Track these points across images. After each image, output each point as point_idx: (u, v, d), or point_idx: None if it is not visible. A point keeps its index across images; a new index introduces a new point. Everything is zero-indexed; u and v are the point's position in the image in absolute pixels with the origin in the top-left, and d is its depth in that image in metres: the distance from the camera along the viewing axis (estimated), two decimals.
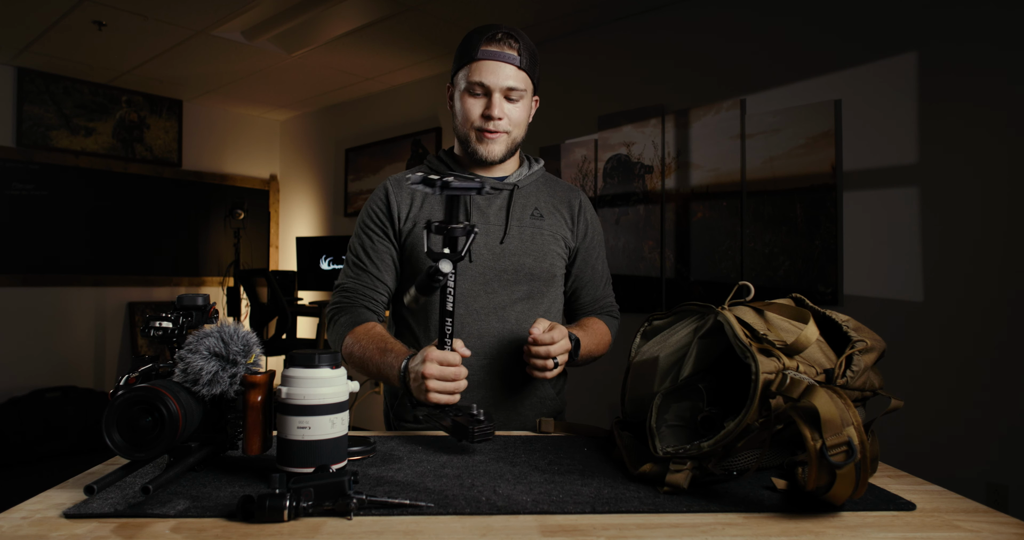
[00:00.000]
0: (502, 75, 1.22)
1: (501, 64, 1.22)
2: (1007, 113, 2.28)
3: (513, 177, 1.35)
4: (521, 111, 1.27)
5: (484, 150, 1.28)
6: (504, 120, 1.25)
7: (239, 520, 0.70)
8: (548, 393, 1.34)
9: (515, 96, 1.25)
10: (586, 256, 1.41)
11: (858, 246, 2.61)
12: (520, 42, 1.24)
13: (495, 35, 1.23)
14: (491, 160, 1.29)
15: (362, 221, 1.35)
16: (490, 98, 1.24)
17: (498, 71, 1.22)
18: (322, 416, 0.80)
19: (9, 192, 4.23)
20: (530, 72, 1.26)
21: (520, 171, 1.36)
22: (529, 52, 1.26)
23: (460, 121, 1.29)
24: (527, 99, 1.28)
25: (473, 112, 1.26)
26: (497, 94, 1.23)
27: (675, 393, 0.91)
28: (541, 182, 1.40)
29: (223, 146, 5.32)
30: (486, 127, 1.25)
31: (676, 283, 3.13)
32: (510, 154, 1.31)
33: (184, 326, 0.90)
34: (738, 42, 2.98)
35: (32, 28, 3.62)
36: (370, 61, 4.13)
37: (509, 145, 1.29)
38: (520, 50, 1.24)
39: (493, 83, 1.22)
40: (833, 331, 0.91)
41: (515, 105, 1.26)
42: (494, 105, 1.23)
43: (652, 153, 3.24)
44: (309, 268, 4.66)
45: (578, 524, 0.71)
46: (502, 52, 1.22)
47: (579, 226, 1.39)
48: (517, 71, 1.23)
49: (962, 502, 0.80)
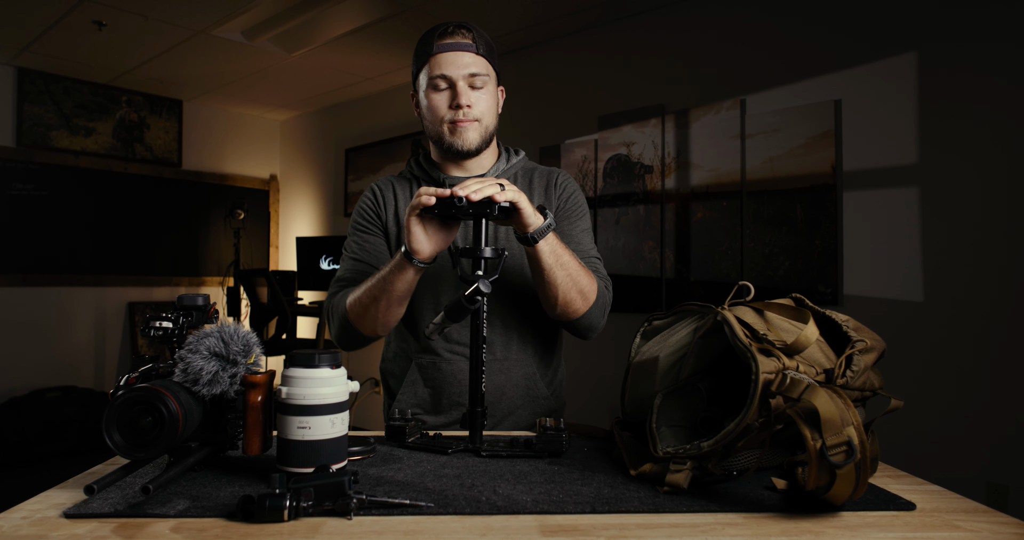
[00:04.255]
0: (461, 63, 1.22)
1: (459, 53, 1.22)
2: (1007, 113, 2.28)
3: (491, 172, 1.33)
4: (488, 98, 1.26)
5: (459, 141, 1.25)
6: (474, 108, 1.24)
7: (239, 520, 0.70)
8: (541, 392, 1.31)
9: (479, 82, 1.23)
10: (560, 227, 1.32)
11: (858, 246, 2.61)
12: (473, 31, 1.24)
13: (447, 29, 1.24)
14: (467, 149, 1.26)
15: (354, 221, 1.36)
16: (454, 88, 1.23)
17: (457, 60, 1.22)
18: (322, 416, 0.80)
19: (9, 192, 4.23)
20: (489, 59, 1.25)
21: (498, 165, 1.34)
22: (485, 40, 1.26)
23: (429, 120, 1.28)
24: (491, 85, 1.27)
25: (440, 106, 1.24)
26: (461, 83, 1.22)
27: (675, 393, 0.91)
28: (521, 173, 1.37)
29: (223, 146, 5.32)
30: (456, 117, 1.24)
31: (676, 283, 3.13)
32: (485, 144, 1.29)
33: (184, 326, 0.90)
34: (738, 42, 2.98)
35: (32, 28, 3.62)
36: (370, 61, 4.13)
37: (483, 133, 1.27)
38: (475, 38, 1.24)
39: (454, 73, 1.22)
40: (833, 331, 0.91)
41: (480, 92, 1.24)
42: (460, 93, 1.22)
43: (652, 153, 3.24)
44: (309, 268, 4.67)
45: (578, 524, 0.71)
46: (457, 42, 1.22)
47: (554, 201, 1.34)
48: (476, 57, 1.23)
49: (962, 502, 0.80)
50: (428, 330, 1.01)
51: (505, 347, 1.29)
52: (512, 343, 1.29)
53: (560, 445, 0.97)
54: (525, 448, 0.98)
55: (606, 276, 1.30)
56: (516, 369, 1.29)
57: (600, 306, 1.22)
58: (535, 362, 1.31)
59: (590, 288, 1.19)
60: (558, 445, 0.97)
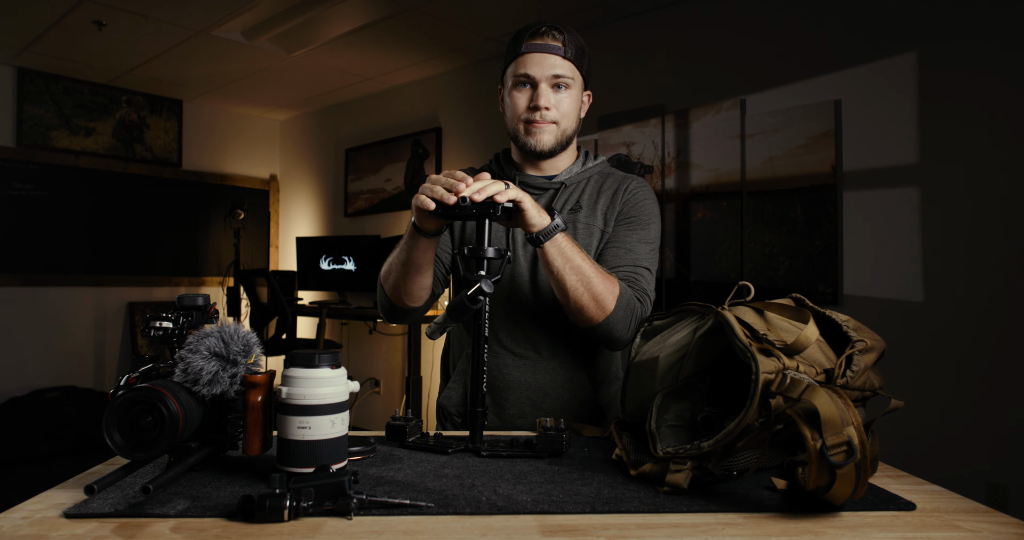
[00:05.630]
0: (547, 65, 1.23)
1: (546, 55, 1.23)
2: (1007, 113, 2.28)
3: (563, 175, 1.32)
4: (570, 101, 1.26)
5: (532, 141, 1.26)
6: (552, 110, 1.25)
7: (239, 520, 0.69)
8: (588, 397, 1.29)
9: (562, 84, 1.25)
10: (617, 230, 1.28)
11: (858, 246, 2.61)
12: (565, 34, 1.25)
13: (539, 29, 1.25)
14: (540, 150, 1.27)
15: None
16: (536, 89, 1.24)
17: (543, 62, 1.23)
18: (322, 416, 0.80)
19: (9, 192, 4.23)
20: (577, 63, 1.26)
21: (572, 168, 1.34)
22: (575, 44, 1.26)
23: (509, 117, 1.29)
24: (575, 89, 1.27)
25: (520, 105, 1.26)
26: (543, 84, 1.23)
27: (675, 393, 0.91)
28: (596, 177, 1.35)
29: (223, 146, 5.32)
30: (532, 118, 1.25)
31: (676, 283, 3.13)
32: (561, 147, 1.29)
33: (184, 326, 0.90)
34: (738, 42, 2.98)
35: (32, 28, 3.62)
36: (370, 61, 4.13)
37: (559, 136, 1.27)
38: (565, 41, 1.24)
39: (538, 74, 1.23)
40: (833, 331, 0.91)
41: (563, 95, 1.25)
42: (540, 94, 1.23)
43: (652, 153, 3.24)
44: (309, 268, 4.66)
45: (578, 524, 0.71)
46: (546, 44, 1.24)
47: (618, 206, 1.30)
48: (562, 60, 1.24)
49: (962, 502, 0.80)
50: (429, 330, 1.01)
51: (552, 348, 1.28)
52: (560, 345, 1.28)
53: (560, 445, 0.97)
54: (525, 448, 0.98)
55: (644, 289, 1.23)
56: (563, 371, 1.28)
57: (623, 317, 1.16)
58: (585, 367, 1.30)
59: (607, 296, 1.13)
60: (558, 445, 0.97)
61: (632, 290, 1.20)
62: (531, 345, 1.28)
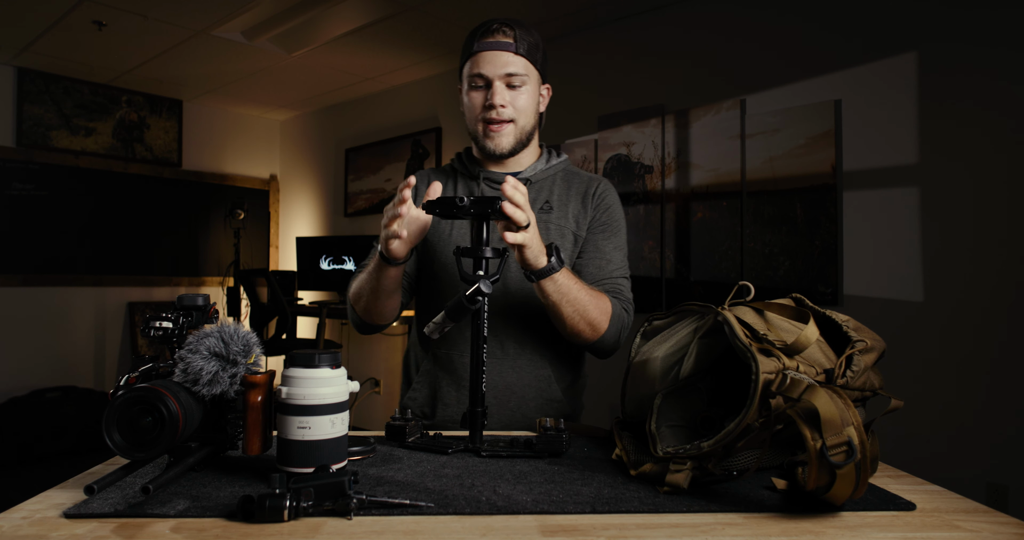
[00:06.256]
0: (499, 63, 1.23)
1: (498, 53, 1.23)
2: (1007, 113, 2.28)
3: (527, 172, 1.33)
4: (525, 97, 1.26)
5: (491, 144, 1.28)
6: (508, 108, 1.25)
7: (239, 520, 0.70)
8: (555, 395, 1.30)
9: (516, 82, 1.24)
10: (593, 239, 1.31)
11: (858, 246, 2.61)
12: (516, 30, 1.25)
13: (490, 27, 1.25)
14: (499, 153, 1.28)
15: None
16: (491, 88, 1.24)
17: (495, 60, 1.23)
18: (322, 416, 0.80)
19: (9, 192, 4.23)
20: (530, 58, 1.25)
21: (536, 165, 1.34)
22: (528, 39, 1.26)
23: (468, 118, 1.30)
24: (531, 85, 1.27)
25: (476, 105, 1.26)
26: (497, 82, 1.24)
27: (675, 393, 0.91)
28: (560, 176, 1.36)
29: (223, 146, 5.32)
30: (489, 116, 1.25)
31: (676, 283, 3.13)
32: (521, 146, 1.30)
33: (184, 326, 0.90)
34: (738, 42, 2.98)
35: (32, 28, 3.62)
36: (370, 61, 4.13)
37: (518, 135, 1.28)
38: (516, 37, 1.24)
39: (491, 72, 1.23)
40: (833, 331, 0.91)
41: (518, 91, 1.25)
42: (494, 93, 1.23)
43: (652, 153, 3.24)
44: (309, 268, 4.66)
45: (578, 524, 0.71)
46: (497, 41, 1.24)
47: (590, 212, 1.32)
48: (515, 57, 1.24)
49: (962, 502, 0.80)
50: (428, 329, 1.01)
51: (519, 346, 1.28)
52: (527, 343, 1.29)
53: (560, 445, 0.97)
54: (525, 448, 0.98)
55: (628, 298, 1.29)
56: (529, 369, 1.28)
57: (614, 333, 1.22)
58: (552, 364, 1.30)
59: (600, 318, 1.18)
60: (558, 445, 0.97)
61: (619, 302, 1.25)
62: (496, 342, 1.28)
